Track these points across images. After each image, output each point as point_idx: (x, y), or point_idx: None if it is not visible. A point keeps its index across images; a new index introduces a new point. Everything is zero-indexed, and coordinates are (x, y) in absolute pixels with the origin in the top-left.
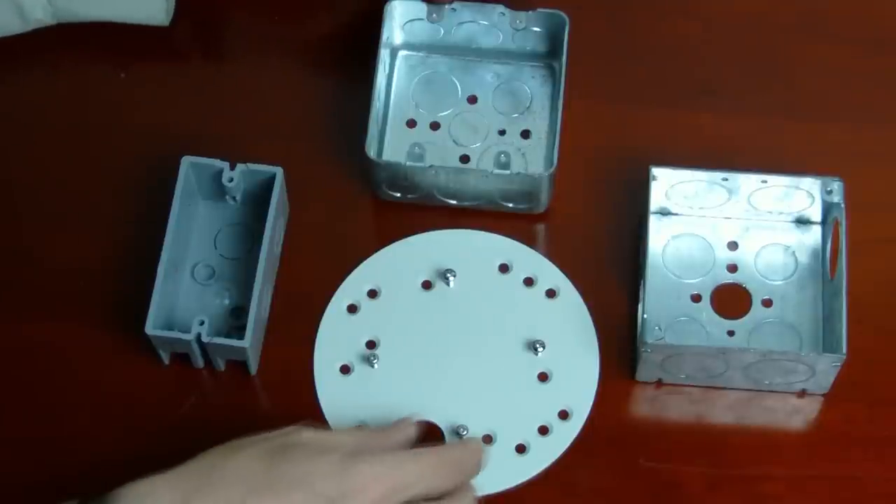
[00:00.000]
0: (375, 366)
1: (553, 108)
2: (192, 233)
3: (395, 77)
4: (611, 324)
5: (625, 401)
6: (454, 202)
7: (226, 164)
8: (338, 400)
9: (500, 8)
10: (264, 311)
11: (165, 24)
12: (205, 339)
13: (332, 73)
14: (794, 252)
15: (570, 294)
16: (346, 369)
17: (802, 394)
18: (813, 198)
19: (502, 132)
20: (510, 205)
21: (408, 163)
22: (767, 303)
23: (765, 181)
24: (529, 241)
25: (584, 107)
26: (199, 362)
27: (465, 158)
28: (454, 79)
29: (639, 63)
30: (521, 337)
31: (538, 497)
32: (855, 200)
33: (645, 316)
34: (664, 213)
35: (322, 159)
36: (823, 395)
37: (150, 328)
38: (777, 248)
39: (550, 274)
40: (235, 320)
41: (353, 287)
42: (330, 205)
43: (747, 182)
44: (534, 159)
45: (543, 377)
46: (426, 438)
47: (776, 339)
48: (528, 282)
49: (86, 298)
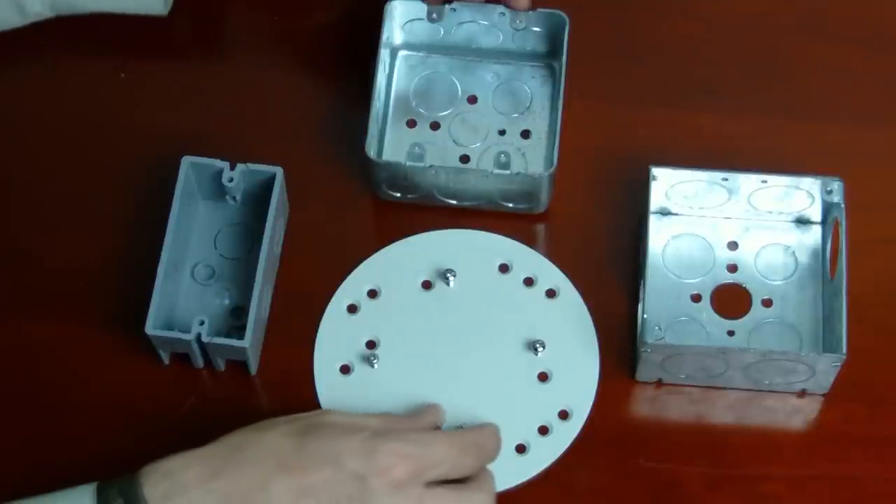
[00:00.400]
0: (375, 366)
1: (553, 108)
2: (192, 233)
3: (395, 77)
4: (611, 324)
5: (625, 401)
6: (454, 202)
7: (226, 164)
8: (338, 400)
9: (500, 8)
10: (264, 311)
11: (164, 14)
12: (205, 339)
13: (333, 73)
14: (794, 252)
15: (570, 294)
16: (346, 369)
17: (802, 394)
18: (813, 198)
19: (502, 132)
20: (510, 205)
21: (408, 163)
22: (767, 303)
23: (765, 181)
24: (529, 241)
25: (584, 107)
26: (199, 362)
27: (465, 158)
28: (454, 79)
29: (639, 63)
30: (521, 337)
31: (538, 497)
32: (855, 200)
33: (645, 316)
34: (664, 213)
35: (322, 159)
36: (823, 395)
37: (150, 328)
38: (777, 248)
39: (550, 274)
40: (235, 320)
41: (353, 287)
42: (330, 205)
43: (747, 182)
44: (534, 159)
45: (543, 377)
46: None
47: (776, 339)
48: (528, 282)
49: (86, 298)
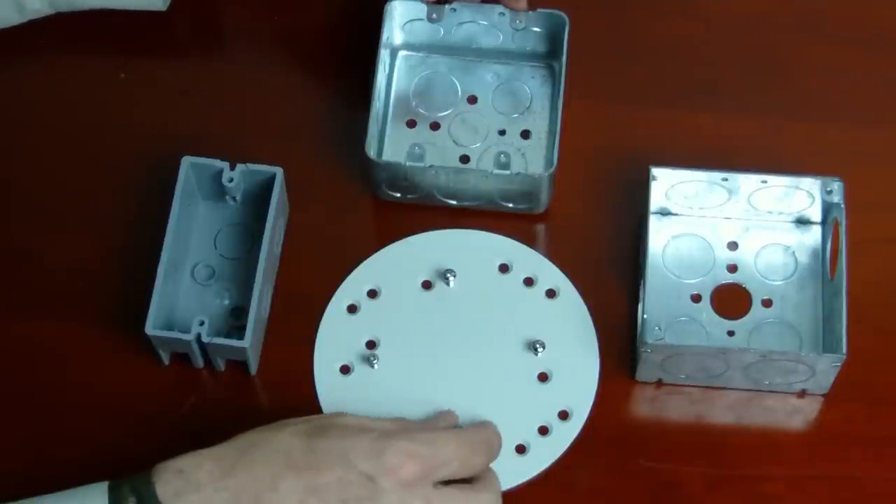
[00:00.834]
0: (375, 366)
1: (553, 108)
2: (192, 233)
3: (395, 77)
4: (611, 324)
5: (625, 401)
6: (454, 202)
7: (226, 164)
8: (338, 400)
9: (500, 8)
10: (264, 311)
11: (163, 9)
12: (205, 339)
13: (333, 74)
14: (794, 252)
15: (570, 294)
16: (346, 369)
17: (802, 394)
18: (813, 198)
19: (502, 132)
20: (510, 205)
21: (408, 163)
22: (767, 303)
23: (765, 181)
24: (529, 241)
25: (584, 107)
26: (199, 362)
27: (465, 158)
28: (454, 79)
29: (639, 63)
30: (521, 337)
31: (538, 497)
32: (855, 200)
33: (645, 316)
34: (664, 213)
35: (322, 159)
36: (823, 395)
37: (150, 328)
38: (777, 248)
39: (550, 274)
40: (235, 320)
41: (353, 287)
42: (330, 205)
43: (747, 182)
44: (534, 159)
45: (543, 377)
46: None
47: (776, 339)
48: (528, 282)
49: (86, 298)
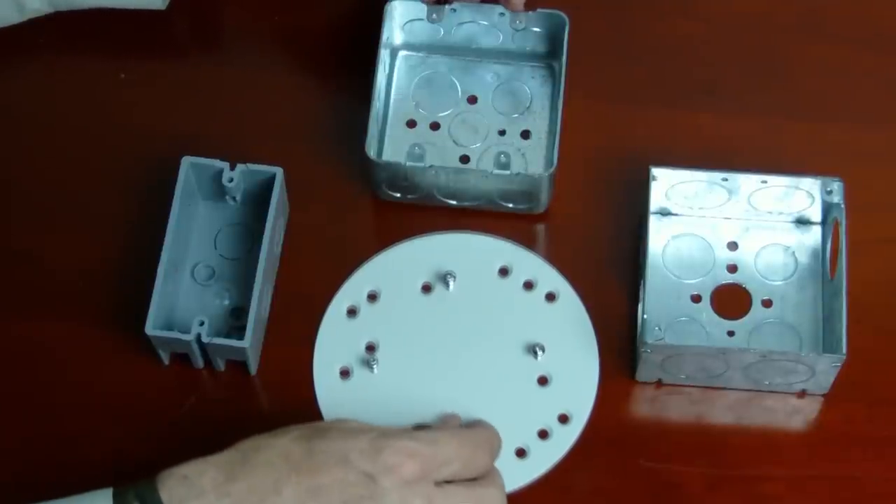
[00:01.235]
0: (375, 369)
1: (553, 108)
2: (192, 233)
3: (395, 77)
4: (611, 324)
5: (625, 401)
6: (454, 202)
7: (226, 165)
8: (337, 404)
9: (500, 8)
10: (264, 311)
11: (162, 8)
12: (205, 339)
13: (333, 73)
14: (794, 252)
15: (569, 297)
16: (345, 373)
17: (802, 394)
18: (813, 198)
19: (502, 132)
20: (510, 205)
21: (408, 163)
22: (767, 303)
23: (765, 181)
24: (529, 241)
25: (584, 107)
26: (199, 362)
27: (465, 159)
28: (454, 79)
29: (639, 63)
30: (521, 340)
31: (538, 501)
32: (855, 200)
33: (645, 316)
34: (664, 213)
35: (322, 159)
36: (823, 396)
37: (150, 328)
38: (777, 249)
39: (550, 277)
40: (235, 320)
41: (352, 290)
42: (330, 205)
43: (747, 182)
44: (534, 159)
45: (543, 381)
46: None
47: (776, 339)
48: (528, 285)
49: (86, 298)
